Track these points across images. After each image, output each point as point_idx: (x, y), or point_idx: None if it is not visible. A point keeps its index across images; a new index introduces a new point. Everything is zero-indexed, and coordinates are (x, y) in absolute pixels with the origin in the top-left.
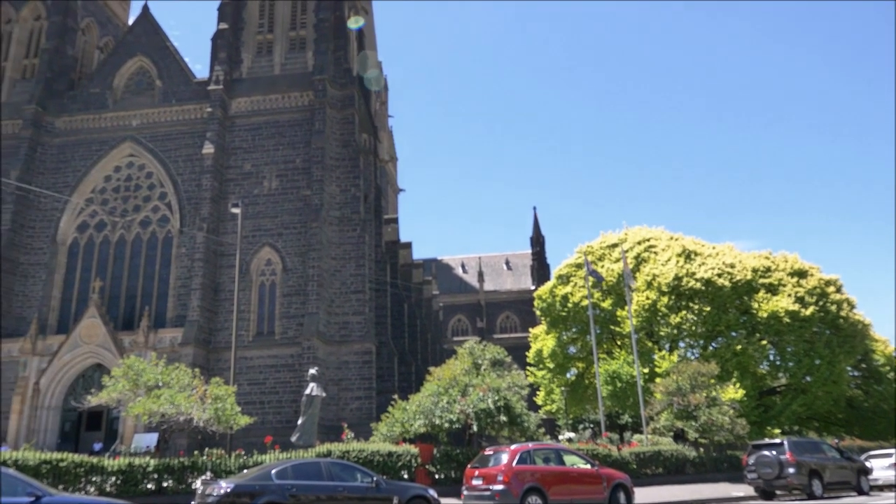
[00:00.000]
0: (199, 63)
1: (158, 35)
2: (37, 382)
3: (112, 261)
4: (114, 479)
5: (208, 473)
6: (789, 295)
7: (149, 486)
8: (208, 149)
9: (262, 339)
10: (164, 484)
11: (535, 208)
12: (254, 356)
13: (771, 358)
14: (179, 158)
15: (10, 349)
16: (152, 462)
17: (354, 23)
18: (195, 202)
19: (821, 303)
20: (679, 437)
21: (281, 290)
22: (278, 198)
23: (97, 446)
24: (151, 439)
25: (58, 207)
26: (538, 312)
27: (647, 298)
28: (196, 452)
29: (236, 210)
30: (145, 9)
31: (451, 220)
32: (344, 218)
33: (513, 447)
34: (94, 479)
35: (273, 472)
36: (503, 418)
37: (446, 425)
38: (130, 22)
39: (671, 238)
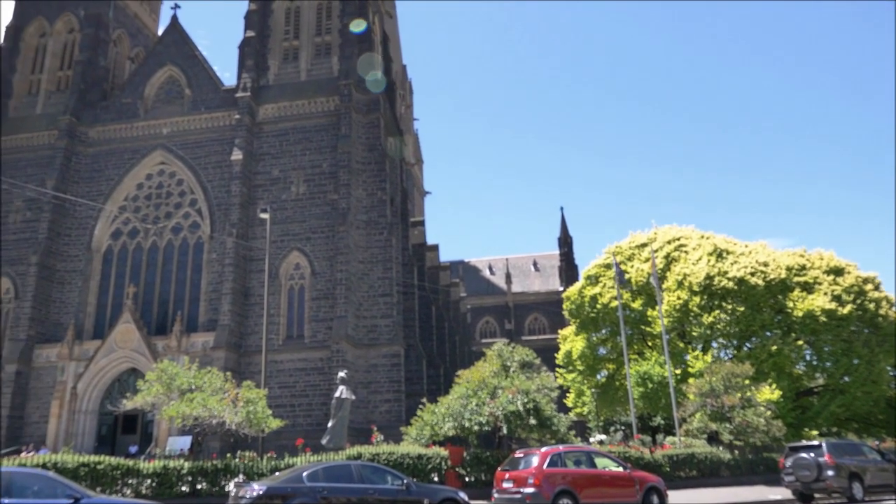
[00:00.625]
0: (226, 71)
1: (187, 44)
2: (74, 387)
3: (145, 267)
4: (149, 481)
5: (241, 476)
6: (825, 293)
7: (183, 488)
8: (237, 155)
9: (292, 343)
10: (198, 486)
11: (562, 209)
12: (284, 360)
13: (807, 358)
14: (209, 165)
15: (49, 354)
16: (186, 465)
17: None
18: (225, 208)
19: (858, 301)
20: (713, 439)
21: (310, 293)
22: (306, 202)
23: (133, 449)
24: (185, 442)
25: (92, 215)
26: (567, 314)
27: (679, 298)
28: (229, 455)
29: (265, 215)
30: (174, 19)
31: (478, 221)
32: (371, 221)
33: (543, 449)
34: (130, 481)
35: (304, 474)
36: (533, 420)
37: (476, 428)
38: (160, 32)
39: (702, 237)
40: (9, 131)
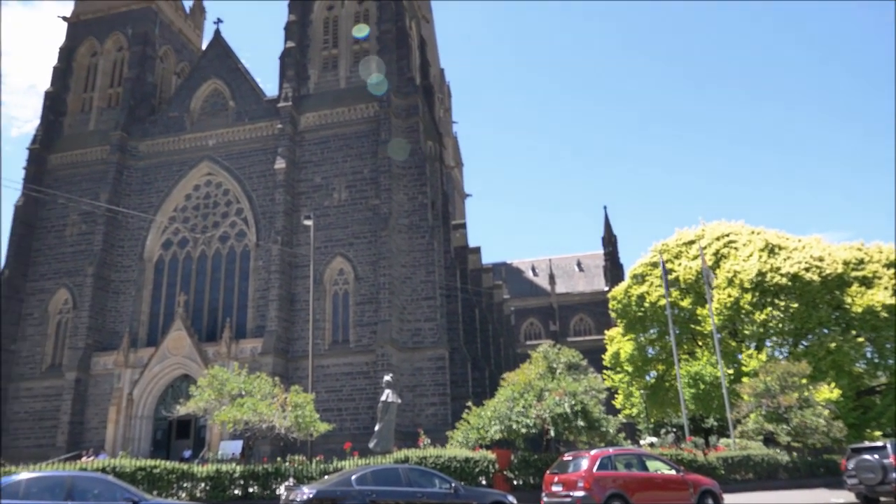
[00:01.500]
0: (268, 81)
1: (230, 58)
2: (130, 393)
3: (195, 275)
4: (203, 484)
5: (291, 479)
6: (886, 288)
7: (235, 491)
8: (280, 164)
9: (338, 347)
10: (250, 490)
11: (605, 207)
12: (330, 364)
13: (868, 356)
14: (254, 175)
15: (106, 362)
16: (238, 468)
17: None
18: (269, 216)
19: None
20: (769, 440)
21: (354, 298)
22: (348, 208)
23: (186, 453)
24: (236, 446)
25: (144, 227)
26: (613, 314)
27: (729, 296)
28: (279, 459)
29: (308, 222)
30: (217, 33)
31: (519, 222)
32: (412, 225)
33: (593, 452)
34: (185, 484)
35: (353, 477)
36: (581, 423)
37: (523, 430)
38: (204, 46)
39: (752, 232)
40: (63, 148)
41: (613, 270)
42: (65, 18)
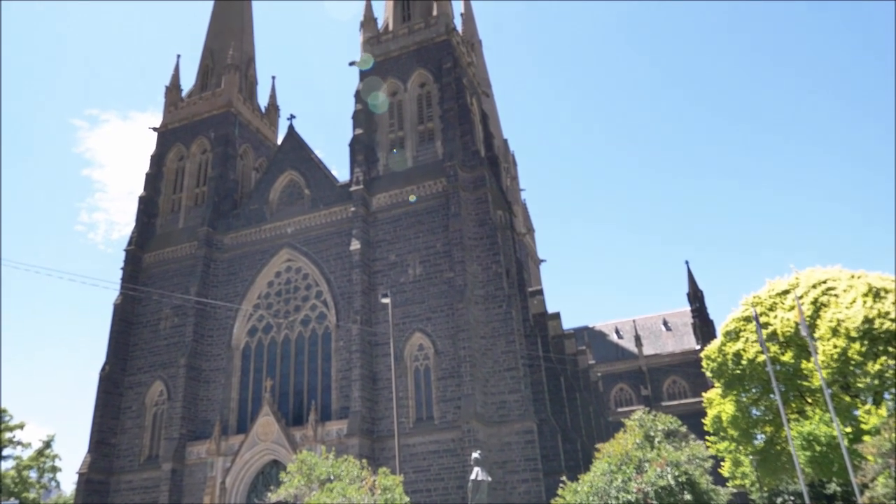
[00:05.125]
0: (340, 166)
1: (303, 149)
2: (223, 482)
3: (279, 359)
4: None
5: None
6: None
7: None
8: (355, 245)
9: (422, 425)
10: None
11: (687, 262)
12: (416, 443)
13: None
14: (330, 257)
15: (199, 451)
16: None
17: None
18: (348, 296)
19: None
20: None
21: (435, 373)
22: (423, 283)
23: None
24: None
25: (230, 315)
26: (708, 374)
27: (835, 347)
28: None
29: (386, 300)
30: (290, 128)
31: (598, 285)
32: (488, 296)
33: None
34: None
35: None
36: (688, 496)
37: None
38: (279, 141)
39: (852, 276)
40: (156, 247)
41: (703, 327)
42: (155, 129)
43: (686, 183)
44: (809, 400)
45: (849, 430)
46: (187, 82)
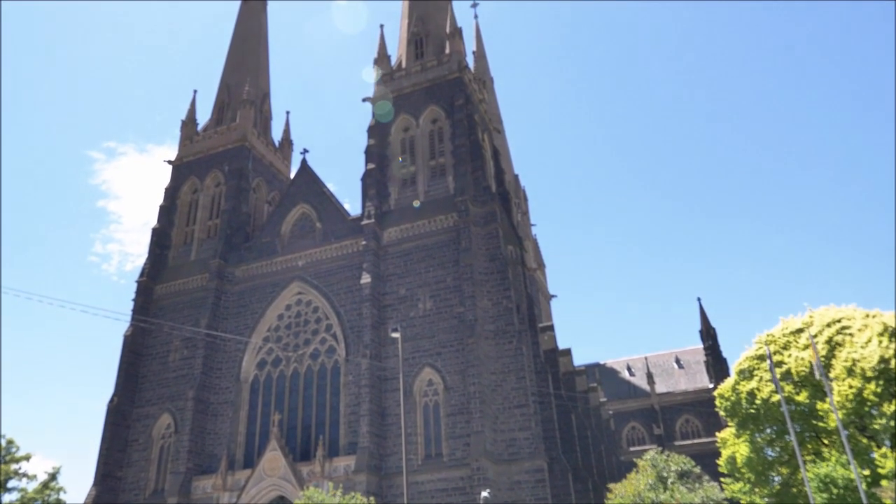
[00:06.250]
0: (354, 200)
1: (316, 183)
2: None
3: (288, 393)
4: None
5: None
6: None
7: None
8: (365, 279)
9: (431, 462)
10: None
11: (699, 299)
12: (424, 480)
13: None
14: (341, 291)
15: (205, 486)
16: None
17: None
18: (357, 330)
19: None
20: None
21: (444, 409)
22: (433, 318)
23: None
24: None
25: (240, 348)
26: (722, 413)
27: (850, 387)
28: None
29: (396, 334)
30: (303, 163)
31: (609, 321)
32: (499, 331)
33: None
34: None
35: None
36: None
37: None
38: (292, 175)
39: (867, 315)
40: (168, 278)
41: (716, 365)
42: (170, 162)
43: (698, 219)
44: (826, 441)
45: (866, 472)
46: (203, 116)
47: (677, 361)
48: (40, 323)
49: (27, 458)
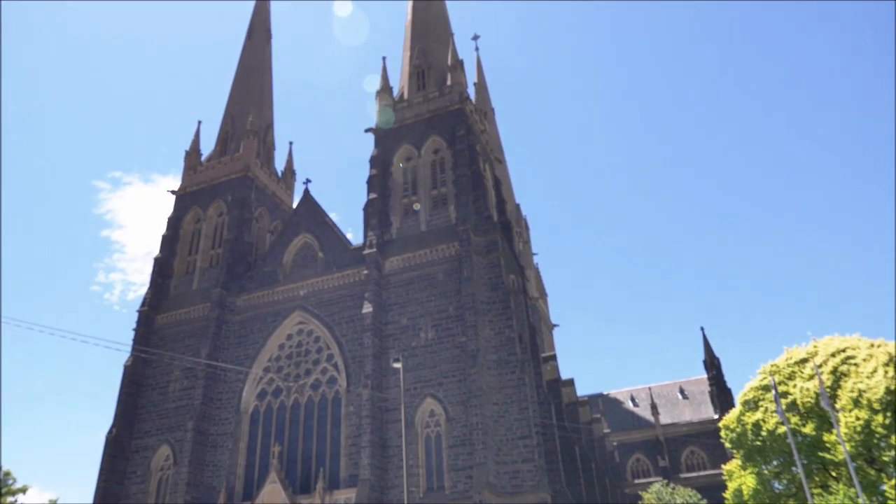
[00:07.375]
0: (356, 229)
1: (318, 213)
2: None
3: (288, 424)
4: None
5: None
6: None
7: None
8: (367, 308)
9: (433, 495)
10: None
11: (702, 329)
12: None
13: None
14: (342, 320)
15: None
16: None
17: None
18: (359, 360)
19: None
20: None
21: (446, 441)
22: (435, 347)
23: None
24: None
25: (240, 378)
26: (727, 444)
27: (857, 419)
28: None
29: (398, 365)
30: (306, 192)
31: (612, 351)
32: (501, 361)
33: None
34: None
35: None
36: None
37: None
38: (294, 204)
39: (872, 345)
40: (169, 308)
41: (721, 396)
42: (173, 192)
43: (701, 249)
44: (833, 473)
45: None
46: (207, 146)
47: (681, 391)
48: (40, 353)
49: (24, 490)
